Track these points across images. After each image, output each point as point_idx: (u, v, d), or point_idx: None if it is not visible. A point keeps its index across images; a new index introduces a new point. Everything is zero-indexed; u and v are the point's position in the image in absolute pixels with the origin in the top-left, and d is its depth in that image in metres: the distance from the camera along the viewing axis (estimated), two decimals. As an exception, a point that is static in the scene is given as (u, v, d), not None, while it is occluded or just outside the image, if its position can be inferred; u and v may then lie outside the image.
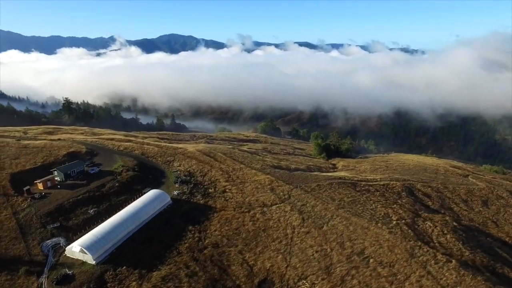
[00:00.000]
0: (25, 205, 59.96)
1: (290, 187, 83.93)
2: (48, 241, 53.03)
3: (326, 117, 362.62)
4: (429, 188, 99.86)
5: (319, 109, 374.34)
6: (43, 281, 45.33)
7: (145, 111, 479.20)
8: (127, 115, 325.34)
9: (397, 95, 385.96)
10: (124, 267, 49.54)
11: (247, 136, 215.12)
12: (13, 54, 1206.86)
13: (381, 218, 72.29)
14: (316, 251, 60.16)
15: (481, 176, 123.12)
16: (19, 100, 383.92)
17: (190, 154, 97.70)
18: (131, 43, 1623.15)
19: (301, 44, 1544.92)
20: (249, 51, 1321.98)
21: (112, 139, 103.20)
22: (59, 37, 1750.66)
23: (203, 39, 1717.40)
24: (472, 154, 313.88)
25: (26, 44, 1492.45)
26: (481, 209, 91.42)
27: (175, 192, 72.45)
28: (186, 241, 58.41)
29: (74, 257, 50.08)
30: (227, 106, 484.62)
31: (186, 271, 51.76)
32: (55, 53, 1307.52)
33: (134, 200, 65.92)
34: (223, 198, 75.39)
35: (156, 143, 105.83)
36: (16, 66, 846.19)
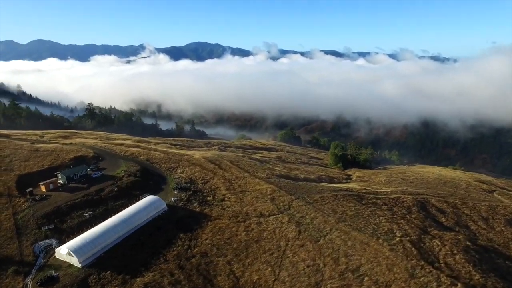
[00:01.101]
0: (25, 206, 62.82)
1: (292, 198, 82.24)
2: (41, 242, 55.04)
3: (348, 127, 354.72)
4: (444, 204, 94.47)
5: (342, 118, 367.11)
6: (29, 282, 46.88)
7: (169, 117, 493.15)
8: (152, 121, 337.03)
9: (424, 105, 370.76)
10: (109, 272, 50.24)
11: (263, 144, 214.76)
12: (52, 62, 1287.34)
13: (383, 234, 68.90)
14: (308, 266, 58.11)
15: (511, 193, 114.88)
16: (51, 105, 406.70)
17: (195, 161, 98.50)
18: (159, 50, 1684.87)
19: (327, 52, 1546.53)
20: (274, 59, 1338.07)
21: (121, 144, 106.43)
22: (93, 45, 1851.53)
23: (229, 47, 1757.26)
24: (507, 167, 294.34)
25: (63, 52, 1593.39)
26: (503, 228, 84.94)
27: (172, 199, 73.10)
28: (175, 248, 58.49)
29: (62, 259, 51.52)
30: (250, 113, 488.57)
31: (170, 279, 51.66)
32: (89, 61, 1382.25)
33: (131, 205, 67.10)
34: (220, 207, 75.07)
35: (164, 149, 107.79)
36: (53, 73, 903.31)
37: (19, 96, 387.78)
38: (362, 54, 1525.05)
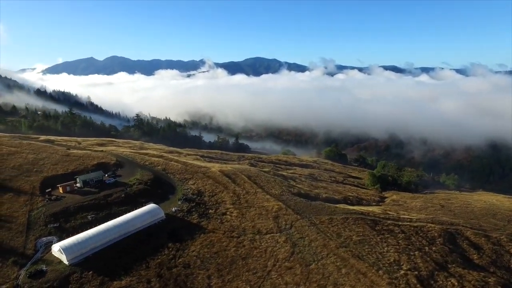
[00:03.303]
0: (41, 205, 71.59)
1: (297, 217, 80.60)
2: (44, 238, 62.18)
3: (401, 147, 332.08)
4: (483, 238, 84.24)
5: (394, 138, 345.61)
6: (22, 273, 53.28)
7: (219, 129, 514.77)
8: (204, 133, 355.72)
9: (492, 125, 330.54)
10: (91, 272, 54.72)
11: (301, 160, 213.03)
12: (121, 76, 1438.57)
13: (387, 265, 63.87)
14: (289, 290, 56.32)
15: None
16: (113, 114, 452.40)
17: (211, 174, 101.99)
18: (218, 65, 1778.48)
19: (386, 67, 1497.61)
20: (331, 74, 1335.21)
21: (146, 154, 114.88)
22: (158, 60, 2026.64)
23: (286, 62, 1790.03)
24: None
25: (132, 66, 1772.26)
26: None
27: (173, 209, 76.78)
28: (159, 257, 61.33)
29: (55, 256, 57.54)
30: (300, 129, 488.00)
31: (146, 286, 54.33)
32: (153, 74, 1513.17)
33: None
34: (219, 220, 76.64)
35: (185, 160, 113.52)
36: (121, 85, 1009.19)
37: (87, 106, 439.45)
38: (426, 70, 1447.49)
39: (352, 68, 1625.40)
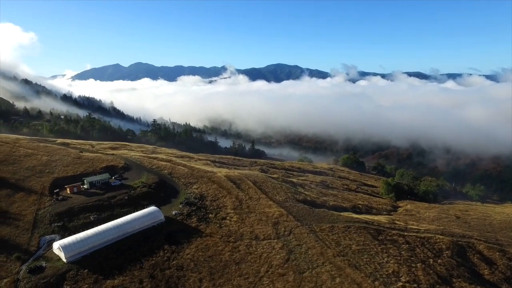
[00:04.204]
0: (48, 204, 75.67)
1: (297, 224, 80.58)
2: (47, 236, 65.72)
3: (422, 155, 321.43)
4: (498, 253, 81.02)
5: (416, 146, 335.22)
6: (23, 268, 56.63)
7: (238, 135, 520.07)
8: (222, 139, 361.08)
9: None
10: (86, 270, 57.32)
11: (315, 167, 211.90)
12: (145, 82, 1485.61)
13: (384, 276, 62.73)
14: (279, 297, 56.46)
15: None
16: (133, 120, 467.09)
17: (216, 179, 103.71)
18: (240, 71, 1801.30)
19: (411, 74, 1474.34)
20: (353, 81, 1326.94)
21: (155, 158, 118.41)
22: (181, 66, 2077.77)
23: (307, 69, 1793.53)
24: None
25: (156, 73, 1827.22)
26: None
27: (173, 212, 78.83)
28: (154, 258, 63.23)
29: (56, 253, 60.70)
30: (320, 136, 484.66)
31: (137, 286, 56.23)
32: (176, 81, 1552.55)
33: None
34: (218, 225, 77.90)
35: (192, 165, 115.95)
36: (144, 91, 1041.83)
37: (110, 111, 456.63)
38: (452, 76, 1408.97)
39: (375, 74, 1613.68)
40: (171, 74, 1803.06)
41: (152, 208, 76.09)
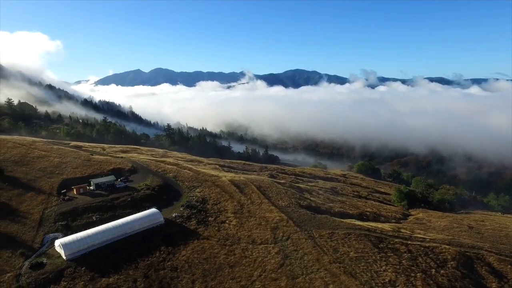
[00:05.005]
0: (55, 204, 79.41)
1: (296, 230, 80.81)
2: (51, 234, 69.02)
3: (441, 163, 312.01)
4: (510, 266, 78.25)
5: (435, 153, 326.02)
6: (26, 263, 59.83)
7: (254, 140, 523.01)
8: (238, 144, 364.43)
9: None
10: (84, 268, 59.85)
11: (327, 173, 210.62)
12: (164, 87, 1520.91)
13: (380, 285, 62.08)
14: (269, 301, 56.91)
15: None
16: (151, 124, 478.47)
17: (219, 183, 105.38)
18: (258, 77, 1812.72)
19: (432, 79, 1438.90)
20: (372, 86, 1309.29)
21: (162, 162, 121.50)
22: (200, 72, 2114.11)
23: (326, 74, 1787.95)
24: None
25: (175, 78, 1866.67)
26: None
27: (173, 214, 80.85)
28: (150, 258, 65.17)
29: (57, 251, 63.70)
30: (336, 142, 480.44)
31: (130, 285, 58.17)
32: (194, 86, 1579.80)
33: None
34: (216, 228, 79.23)
35: (198, 169, 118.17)
36: (162, 96, 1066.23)
37: (128, 116, 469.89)
38: (477, 81, 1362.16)
39: (395, 80, 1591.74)
40: (190, 79, 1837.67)
41: (152, 210, 78.39)
